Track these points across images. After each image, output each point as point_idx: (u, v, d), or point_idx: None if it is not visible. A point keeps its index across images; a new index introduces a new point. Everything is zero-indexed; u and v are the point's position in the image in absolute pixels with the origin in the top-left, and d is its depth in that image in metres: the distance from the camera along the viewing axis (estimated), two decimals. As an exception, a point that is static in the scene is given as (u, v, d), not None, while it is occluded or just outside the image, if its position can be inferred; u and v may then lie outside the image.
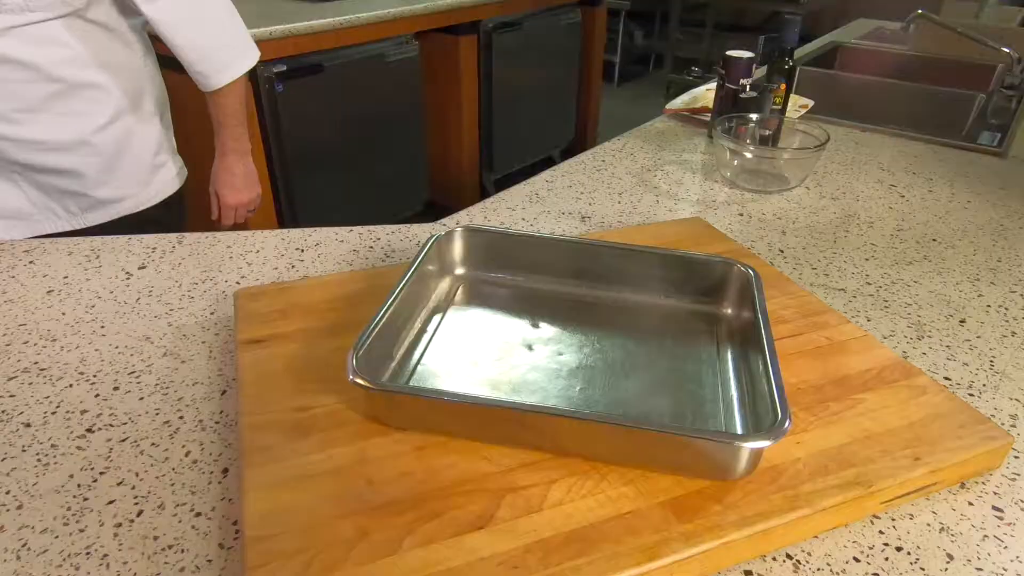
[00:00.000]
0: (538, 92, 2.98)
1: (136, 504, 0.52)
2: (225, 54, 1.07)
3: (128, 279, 0.81)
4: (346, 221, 1.06)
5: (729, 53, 1.21)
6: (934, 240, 0.94)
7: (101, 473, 0.54)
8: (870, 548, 0.50)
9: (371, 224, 0.98)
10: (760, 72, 1.48)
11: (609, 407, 0.57)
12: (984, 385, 0.67)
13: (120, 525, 0.50)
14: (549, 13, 2.90)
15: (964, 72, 1.80)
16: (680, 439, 0.48)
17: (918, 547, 0.50)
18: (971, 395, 0.65)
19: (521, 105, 2.90)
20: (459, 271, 0.74)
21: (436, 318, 0.68)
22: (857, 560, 0.49)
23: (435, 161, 2.71)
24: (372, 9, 2.16)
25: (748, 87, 1.21)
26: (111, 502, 0.52)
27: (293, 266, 0.84)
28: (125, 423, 0.60)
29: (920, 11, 1.70)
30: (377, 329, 0.57)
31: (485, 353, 0.64)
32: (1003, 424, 0.62)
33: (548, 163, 1.05)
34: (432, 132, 2.64)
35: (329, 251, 0.88)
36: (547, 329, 0.67)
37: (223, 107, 1.11)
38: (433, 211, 0.90)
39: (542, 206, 1.01)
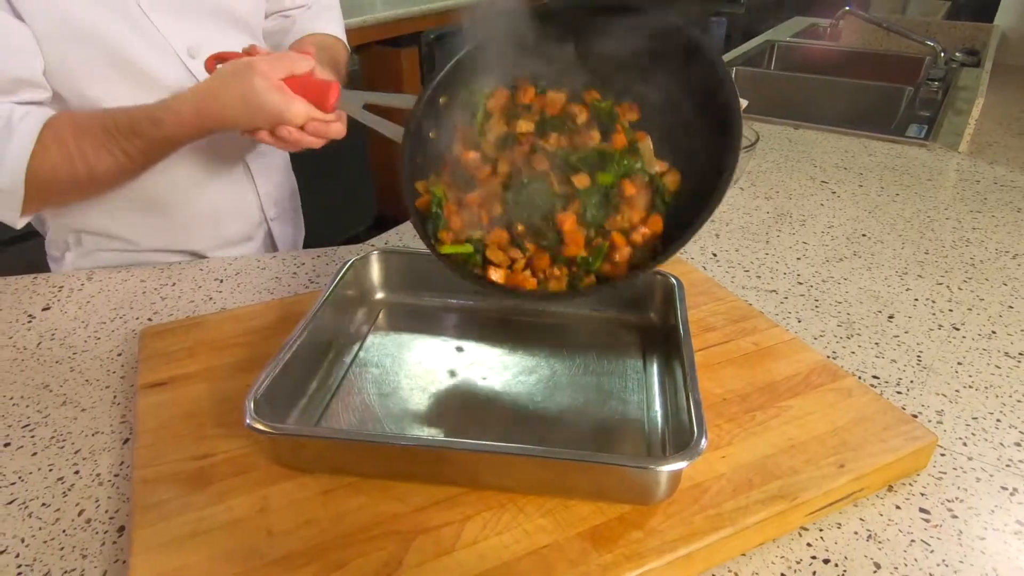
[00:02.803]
0: (485, 101, 2.96)
1: (19, 574, 0.48)
2: None
3: (30, 322, 0.76)
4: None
5: (659, 57, 1.21)
6: (864, 235, 0.95)
7: (-18, 542, 0.50)
8: (798, 563, 0.48)
9: (321, 243, 0.95)
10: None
11: (530, 432, 0.55)
12: (912, 382, 0.67)
13: (-2, 600, 0.46)
14: (491, 21, 2.88)
15: (893, 66, 1.84)
16: (593, 466, 0.46)
17: (845, 558, 0.49)
18: (899, 392, 0.65)
19: (468, 115, 2.88)
20: (379, 296, 0.71)
21: (355, 347, 0.65)
22: (785, 577, 0.47)
23: (382, 175, 2.67)
24: (307, 24, 2.11)
25: (679, 90, 1.20)
26: (-10, 574, 0.48)
27: (211, 298, 0.80)
28: (13, 483, 0.55)
29: (848, 7, 1.73)
30: (283, 365, 0.54)
31: (405, 382, 0.61)
32: (930, 421, 0.62)
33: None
34: (377, 146, 2.60)
35: (250, 280, 0.84)
36: (471, 352, 0.65)
37: None
38: (384, 225, 0.90)
39: (475, 220, 0.99)
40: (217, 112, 0.69)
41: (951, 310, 0.78)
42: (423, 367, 0.63)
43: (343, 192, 2.43)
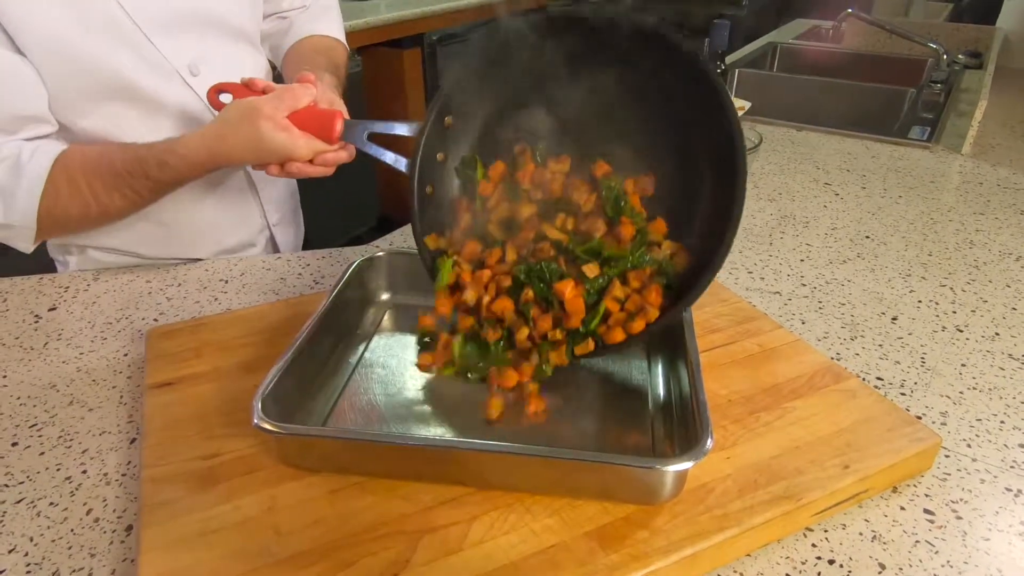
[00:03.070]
0: (487, 102, 2.96)
1: (28, 572, 0.48)
2: None
3: (36, 322, 0.77)
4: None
5: (662, 59, 1.21)
6: (867, 237, 0.95)
7: (-9, 540, 0.50)
8: (803, 563, 0.49)
9: (324, 244, 0.95)
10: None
11: (536, 433, 0.55)
12: (915, 383, 0.67)
13: (8, 598, 0.46)
14: (492, 24, 2.89)
15: (896, 68, 1.85)
16: (599, 466, 0.46)
17: (850, 558, 0.49)
18: (903, 394, 0.65)
19: (471, 116, 2.88)
20: (384, 296, 0.72)
21: (360, 347, 0.66)
22: (790, 577, 0.48)
23: (385, 176, 2.68)
24: (310, 26, 2.12)
25: (682, 92, 1.21)
26: (0, 573, 0.48)
27: (216, 299, 0.81)
28: (22, 482, 0.55)
29: (850, 10, 1.73)
30: (289, 365, 0.55)
31: (411, 383, 0.61)
32: (933, 422, 0.62)
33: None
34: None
35: (255, 280, 0.84)
36: (476, 352, 0.65)
37: None
38: (387, 226, 0.90)
39: (479, 222, 0.99)
40: (225, 154, 0.71)
41: (955, 312, 0.78)
42: (429, 368, 0.63)
43: (346, 193, 2.44)
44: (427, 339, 0.62)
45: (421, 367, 0.60)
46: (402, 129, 0.65)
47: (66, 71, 0.73)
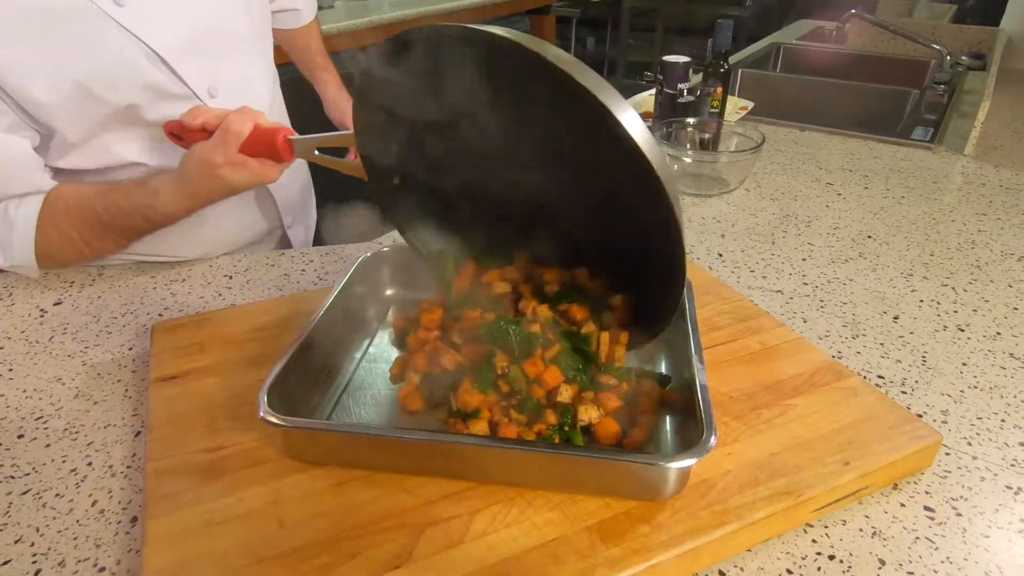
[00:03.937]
0: (490, 102, 2.96)
1: (34, 563, 0.48)
2: None
3: (42, 316, 0.77)
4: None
5: (666, 58, 1.22)
6: (869, 237, 0.95)
7: (-3, 531, 0.51)
8: (803, 559, 0.49)
9: (332, 241, 0.96)
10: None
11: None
12: (916, 382, 0.67)
13: (14, 588, 0.47)
14: (496, 23, 2.89)
15: (899, 69, 1.85)
16: (603, 462, 0.47)
17: (850, 554, 0.49)
18: (904, 392, 0.66)
19: (474, 115, 2.89)
20: (388, 292, 0.72)
21: (364, 342, 0.66)
22: (790, 572, 0.48)
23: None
24: (315, 24, 2.12)
25: (686, 91, 1.21)
26: (6, 563, 0.48)
27: (220, 295, 0.81)
28: (28, 473, 0.56)
29: (853, 11, 1.73)
30: (293, 359, 0.55)
31: (413, 377, 0.62)
32: (934, 420, 0.62)
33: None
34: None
35: (259, 277, 0.85)
36: (479, 349, 0.65)
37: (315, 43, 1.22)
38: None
39: (482, 219, 1.00)
40: (204, 203, 0.75)
41: (956, 311, 0.78)
42: (432, 363, 0.63)
43: (352, 190, 2.44)
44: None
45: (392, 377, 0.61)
46: (344, 140, 0.67)
47: (78, 123, 0.74)
